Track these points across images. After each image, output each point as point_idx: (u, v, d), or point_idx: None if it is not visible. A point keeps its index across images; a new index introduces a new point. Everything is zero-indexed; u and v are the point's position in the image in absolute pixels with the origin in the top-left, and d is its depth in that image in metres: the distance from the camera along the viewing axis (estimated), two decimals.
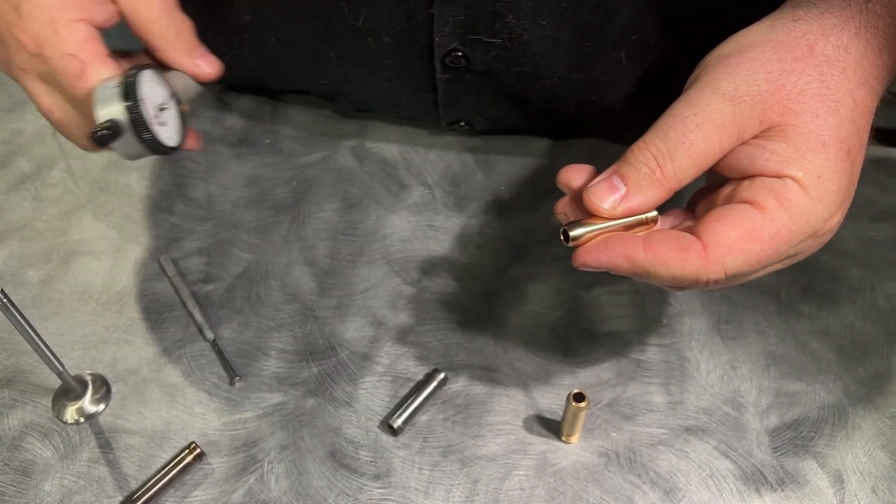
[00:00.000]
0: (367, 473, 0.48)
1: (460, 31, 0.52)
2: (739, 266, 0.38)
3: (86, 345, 0.53)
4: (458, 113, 0.62)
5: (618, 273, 0.39)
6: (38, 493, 0.47)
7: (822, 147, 0.38)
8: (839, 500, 0.48)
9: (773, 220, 0.37)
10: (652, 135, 0.39)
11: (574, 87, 0.57)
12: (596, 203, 0.39)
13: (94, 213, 0.60)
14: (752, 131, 0.39)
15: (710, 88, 0.39)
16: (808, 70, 0.39)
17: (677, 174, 0.38)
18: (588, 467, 0.49)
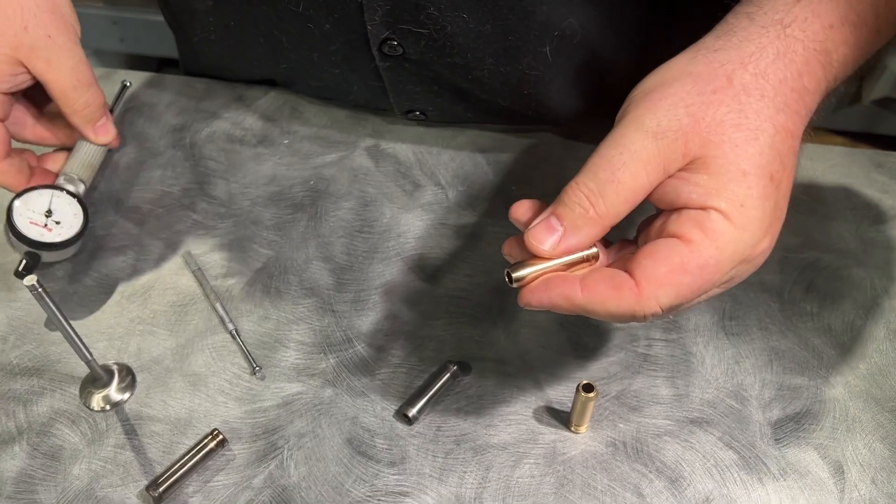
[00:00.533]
0: (383, 460, 0.50)
1: (390, 20, 0.56)
2: (672, 299, 0.39)
3: (111, 336, 0.55)
4: (409, 102, 0.65)
5: (558, 311, 0.41)
6: (67, 476, 0.49)
7: (743, 176, 0.39)
8: (839, 490, 0.49)
9: (701, 252, 0.39)
10: (583, 175, 0.41)
11: (504, 79, 0.60)
12: (536, 245, 0.41)
13: (118, 208, 0.62)
14: (676, 164, 0.40)
15: (634, 126, 0.40)
16: (727, 101, 0.40)
17: (610, 211, 0.40)
18: (596, 456, 0.50)
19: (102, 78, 0.70)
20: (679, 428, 0.52)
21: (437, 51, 0.58)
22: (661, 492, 0.49)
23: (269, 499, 0.48)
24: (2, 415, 0.52)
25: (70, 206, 0.57)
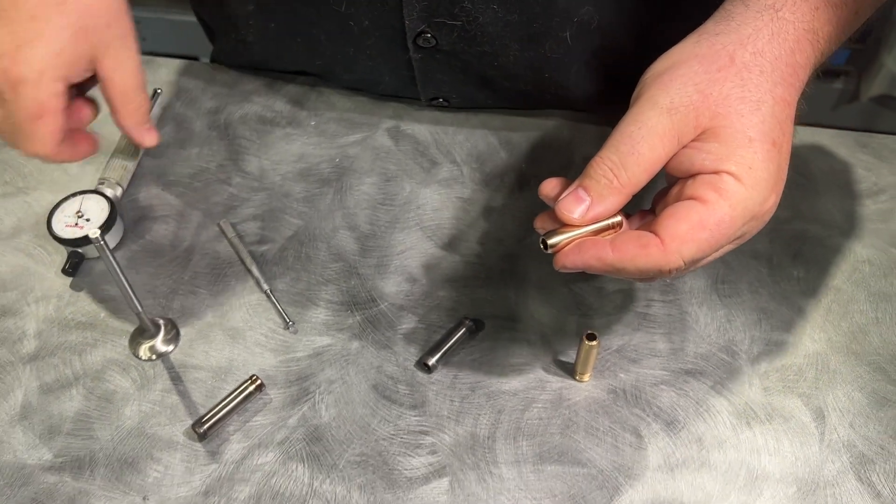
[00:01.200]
0: (406, 404, 0.55)
1: (426, 14, 0.61)
2: (693, 253, 0.44)
3: (156, 295, 0.61)
4: (435, 90, 0.70)
5: (592, 272, 0.46)
6: (120, 416, 0.55)
7: (749, 142, 0.44)
8: (820, 433, 0.54)
9: (716, 210, 0.44)
10: (605, 150, 0.46)
11: (527, 64, 0.66)
12: (566, 214, 0.46)
13: (160, 183, 0.68)
14: (689, 136, 0.45)
15: (649, 104, 0.45)
16: (731, 77, 0.45)
17: (631, 181, 0.45)
18: (598, 402, 0.55)
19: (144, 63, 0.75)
20: (674, 378, 0.57)
21: (467, 41, 0.63)
22: (658, 433, 0.54)
23: (303, 436, 0.54)
24: (60, 363, 0.57)
25: (97, 203, 0.62)
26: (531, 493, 0.51)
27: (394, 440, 0.54)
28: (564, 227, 0.47)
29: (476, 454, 0.53)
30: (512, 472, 0.52)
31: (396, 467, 0.52)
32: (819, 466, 0.53)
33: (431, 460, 0.53)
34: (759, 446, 0.54)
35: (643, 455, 0.53)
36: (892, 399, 0.56)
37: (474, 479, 0.52)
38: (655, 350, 0.58)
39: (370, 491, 0.51)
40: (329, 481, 0.52)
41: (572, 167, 0.69)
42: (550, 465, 0.53)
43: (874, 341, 0.59)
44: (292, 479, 0.52)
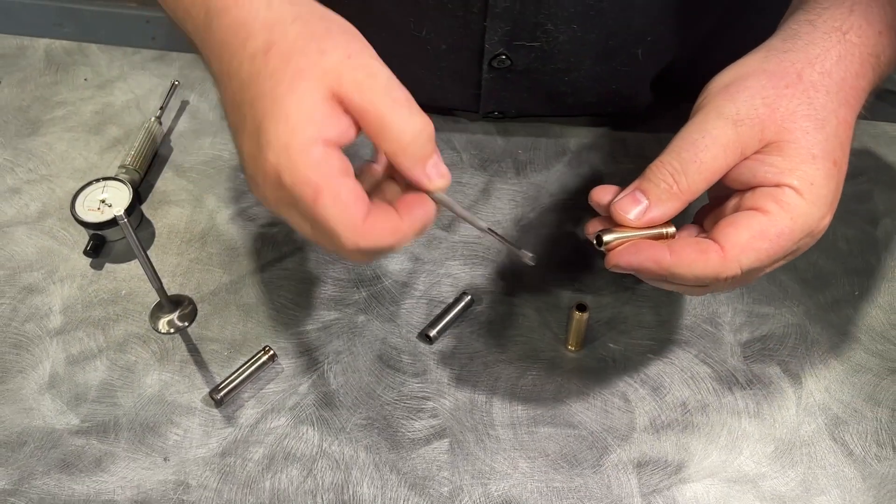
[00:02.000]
0: (408, 372, 0.59)
1: (507, 38, 0.63)
2: (752, 262, 0.44)
3: (174, 273, 0.65)
4: (496, 105, 0.72)
5: (644, 275, 0.46)
6: (142, 384, 0.58)
7: (813, 159, 0.45)
8: (798, 397, 0.58)
9: (778, 221, 0.44)
10: (667, 155, 0.46)
11: (597, 77, 0.67)
12: (622, 214, 0.46)
13: (176, 170, 0.71)
14: (752, 149, 0.45)
15: (715, 114, 0.46)
16: (798, 95, 0.46)
17: (690, 188, 0.45)
18: (589, 369, 0.59)
19: (157, 59, 0.80)
20: (661, 347, 0.60)
21: (542, 60, 0.64)
22: (645, 398, 0.58)
23: (313, 402, 0.57)
24: (84, 336, 0.61)
25: (119, 189, 0.66)
26: (526, 453, 0.55)
27: (397, 405, 0.57)
28: (618, 227, 0.47)
29: (474, 417, 0.57)
30: (508, 434, 0.56)
31: (400, 430, 0.56)
32: (796, 427, 0.56)
33: (433, 423, 0.56)
34: (740, 409, 0.57)
35: (631, 417, 0.57)
36: (867, 366, 0.59)
37: (473, 439, 0.56)
38: (643, 322, 0.62)
39: (375, 451, 0.55)
40: (337, 443, 0.56)
41: (566, 154, 0.72)
42: (544, 427, 0.56)
43: (850, 313, 0.62)
44: (303, 441, 0.56)
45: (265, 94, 0.41)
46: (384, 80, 0.42)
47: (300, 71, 0.41)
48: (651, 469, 0.55)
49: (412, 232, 0.43)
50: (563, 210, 0.68)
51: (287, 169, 0.40)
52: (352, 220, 0.40)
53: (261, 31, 0.42)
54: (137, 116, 0.75)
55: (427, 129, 0.42)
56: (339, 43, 0.42)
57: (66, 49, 0.80)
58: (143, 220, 0.68)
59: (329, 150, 0.40)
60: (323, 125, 0.40)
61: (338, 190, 0.40)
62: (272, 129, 0.40)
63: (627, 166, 0.71)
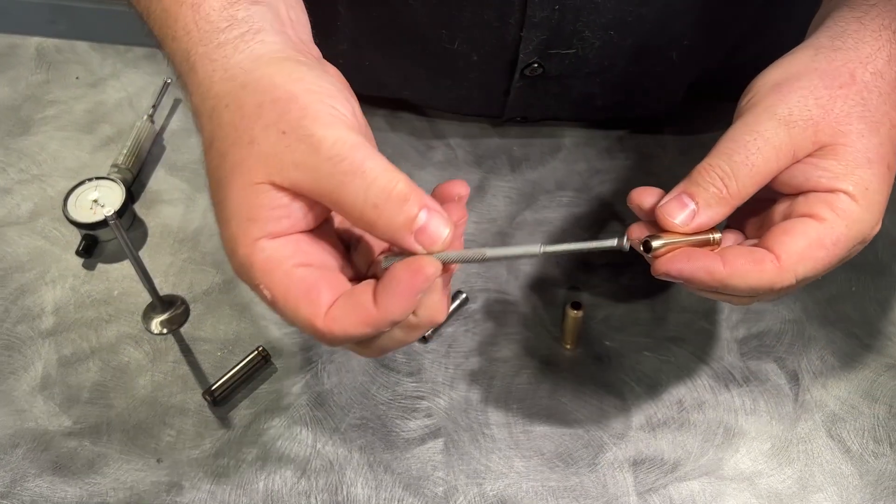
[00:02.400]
0: (403, 371, 0.59)
1: (542, 47, 0.62)
2: (808, 272, 0.42)
3: (167, 273, 0.64)
4: (522, 111, 0.71)
5: (692, 285, 0.43)
6: (135, 385, 0.58)
7: (868, 163, 0.43)
8: (794, 394, 0.57)
9: (834, 229, 0.42)
10: (716, 158, 0.43)
11: (629, 77, 0.67)
12: (668, 219, 0.43)
13: (169, 168, 0.71)
14: (805, 151, 0.43)
15: (767, 114, 0.43)
16: (852, 95, 0.44)
17: (741, 192, 0.43)
18: (585, 367, 0.59)
19: (150, 57, 0.79)
20: (657, 344, 0.60)
21: (576, 66, 0.63)
22: (641, 395, 0.57)
23: (307, 402, 0.57)
24: (77, 337, 0.60)
25: (111, 189, 0.66)
26: (521, 452, 0.55)
27: (392, 405, 0.57)
28: (665, 232, 0.44)
29: (469, 416, 0.56)
30: (503, 433, 0.56)
31: (394, 429, 0.56)
32: (792, 424, 0.56)
33: (427, 423, 0.56)
34: (737, 407, 0.57)
35: (626, 416, 0.56)
36: (864, 362, 0.59)
37: (468, 439, 0.55)
38: (639, 319, 0.61)
39: (370, 451, 0.55)
40: (331, 443, 0.55)
41: (561, 150, 0.72)
42: (539, 426, 0.56)
43: (847, 309, 0.62)
44: (297, 442, 0.55)
45: (211, 195, 0.40)
46: (327, 151, 0.36)
47: (234, 166, 0.38)
48: (647, 467, 0.54)
49: (391, 312, 0.37)
50: (559, 207, 0.68)
51: (241, 274, 0.39)
52: (308, 316, 0.37)
53: (206, 123, 0.40)
54: (130, 115, 0.74)
55: (396, 186, 0.36)
56: (269, 120, 0.37)
57: (57, 47, 0.80)
58: (136, 219, 0.67)
59: (279, 245, 0.37)
60: (267, 221, 0.37)
61: (286, 286, 0.37)
62: (223, 229, 0.39)
63: (623, 162, 0.71)
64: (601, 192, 0.69)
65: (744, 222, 0.48)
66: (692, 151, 0.70)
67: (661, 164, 0.70)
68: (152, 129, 0.73)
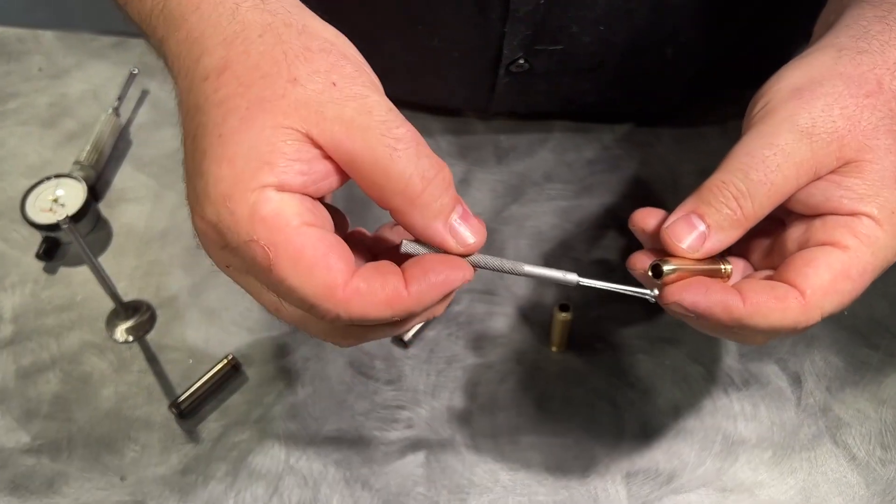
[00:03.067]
0: (381, 379, 0.55)
1: (528, 43, 0.58)
2: (835, 307, 0.38)
3: (132, 277, 0.61)
4: (510, 106, 0.67)
5: (704, 321, 0.38)
6: (97, 398, 0.55)
7: (895, 183, 0.38)
8: (797, 398, 0.54)
9: (860, 258, 0.37)
10: (730, 174, 0.38)
11: (622, 75, 0.63)
12: (673, 242, 0.39)
13: (135, 164, 0.67)
14: (828, 168, 0.39)
15: (787, 125, 0.38)
16: (880, 106, 0.39)
17: (756, 213, 0.38)
18: (574, 372, 0.55)
19: (116, 46, 0.75)
20: (651, 346, 0.56)
21: (565, 63, 0.60)
22: (634, 402, 0.54)
23: (279, 414, 0.54)
24: (37, 347, 0.57)
25: (72, 188, 0.62)
26: (507, 465, 0.52)
27: (370, 415, 0.54)
28: (672, 258, 0.39)
29: (452, 427, 0.53)
30: (488, 444, 0.52)
31: (373, 442, 0.53)
32: (795, 431, 0.53)
33: (407, 434, 0.53)
34: (736, 412, 0.54)
35: (619, 424, 0.53)
36: (870, 362, 0.56)
37: (450, 451, 0.52)
38: (632, 320, 0.58)
39: (346, 466, 0.52)
40: (305, 458, 0.52)
41: (549, 141, 0.68)
42: (526, 436, 0.53)
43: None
44: (269, 457, 0.52)
45: (209, 128, 0.33)
46: (381, 114, 0.33)
47: (261, 101, 0.33)
48: (641, 479, 0.51)
49: (422, 303, 0.34)
50: (548, 200, 0.64)
51: (230, 227, 0.32)
52: (326, 283, 0.32)
53: (218, 47, 0.34)
54: (94, 108, 0.70)
55: (441, 173, 0.34)
56: (319, 66, 0.34)
57: (18, 37, 0.76)
58: (100, 219, 0.64)
59: (288, 198, 0.32)
60: (284, 170, 0.32)
61: (300, 245, 0.32)
62: (211, 175, 0.32)
63: (616, 152, 0.67)
64: (592, 184, 0.65)
65: (748, 246, 0.43)
66: (690, 142, 0.66)
67: (656, 154, 0.67)
68: (118, 122, 0.69)
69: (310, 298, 0.32)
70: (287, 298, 0.34)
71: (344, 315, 0.33)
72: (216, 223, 0.33)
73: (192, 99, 0.35)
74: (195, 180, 0.34)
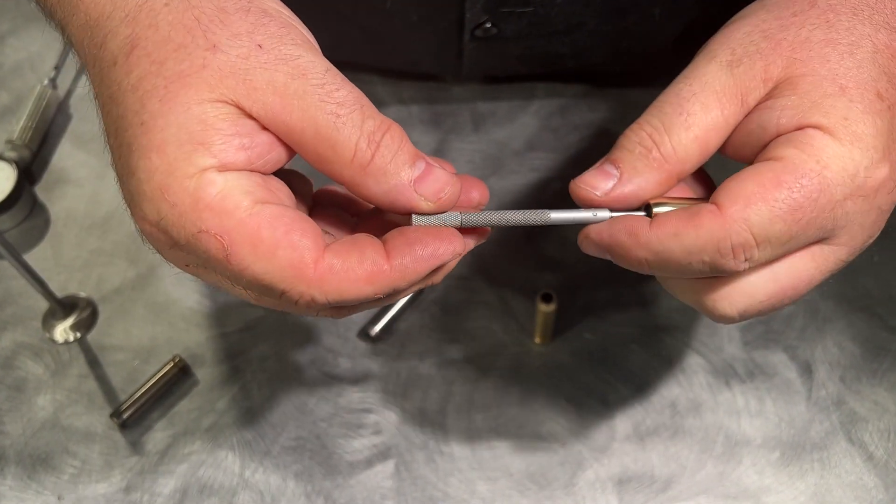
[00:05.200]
0: (347, 379, 0.50)
1: (493, 5, 0.51)
2: (767, 219, 0.31)
3: (71, 268, 0.55)
4: (483, 70, 0.61)
5: (620, 254, 0.34)
6: (32, 406, 0.49)
7: (842, 90, 0.33)
8: (807, 390, 0.49)
9: (798, 165, 0.32)
10: (646, 113, 0.35)
11: (604, 37, 0.56)
12: (586, 191, 0.35)
13: (76, 141, 0.61)
14: (756, 93, 0.34)
15: (705, 59, 0.35)
16: (810, 20, 0.34)
17: (677, 151, 0.34)
18: (561, 367, 0.50)
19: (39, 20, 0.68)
20: (646, 335, 0.51)
21: (537, 26, 0.53)
22: (627, 398, 0.49)
23: (233, 421, 0.49)
24: None
25: (4, 171, 0.56)
26: (485, 473, 0.47)
27: (333, 420, 0.48)
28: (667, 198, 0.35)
29: (425, 432, 0.48)
30: (464, 451, 0.47)
31: (336, 451, 0.48)
32: (805, 428, 0.48)
33: (375, 441, 0.48)
34: (739, 408, 0.48)
35: (610, 424, 0.48)
36: (888, 347, 0.50)
37: (422, 459, 0.47)
38: (624, 305, 0.52)
39: (307, 479, 0.47)
40: (262, 470, 0.47)
41: (532, 105, 0.61)
42: (507, 441, 0.48)
43: (868, 284, 0.53)
44: (221, 470, 0.47)
45: (129, 118, 0.30)
46: (318, 76, 0.30)
47: (180, 76, 0.29)
48: (634, 486, 0.46)
49: (407, 278, 0.31)
50: (531, 171, 0.58)
51: (173, 222, 0.29)
52: (292, 264, 0.29)
53: (121, 26, 0.31)
54: (30, 79, 0.64)
55: (390, 131, 0.31)
56: (239, 28, 0.30)
57: None
58: (36, 205, 0.58)
59: (233, 177, 0.29)
60: (221, 149, 0.29)
61: (256, 227, 0.29)
62: (142, 168, 0.29)
63: (605, 115, 0.61)
64: (580, 151, 0.59)
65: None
66: None
67: None
68: (55, 95, 0.62)
69: (277, 284, 0.30)
70: (253, 288, 0.30)
71: (319, 296, 0.30)
72: (158, 221, 0.29)
73: (104, 90, 0.31)
74: (127, 180, 0.30)
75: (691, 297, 0.35)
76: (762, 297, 0.34)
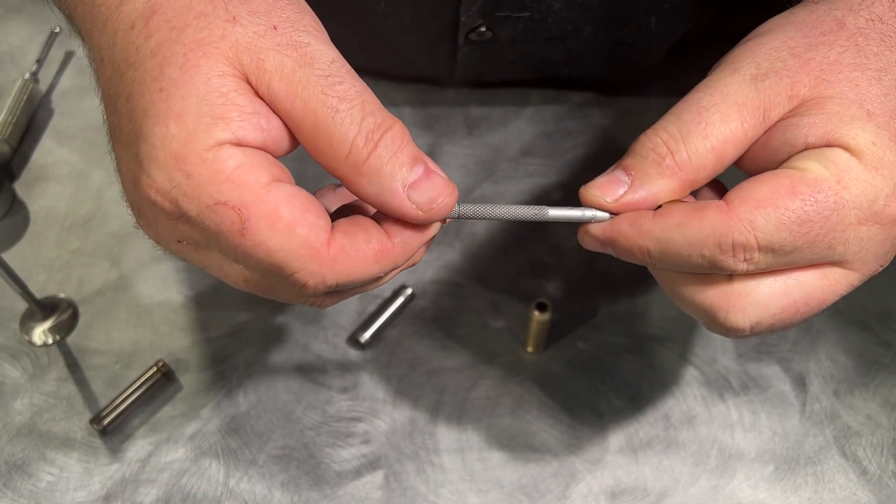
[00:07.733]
0: (335, 387, 0.49)
1: (488, 9, 0.50)
2: (773, 226, 0.31)
3: (51, 269, 0.53)
4: (475, 75, 0.60)
5: (623, 248, 0.34)
6: (9, 411, 0.48)
7: (868, 116, 0.32)
8: (801, 403, 0.48)
9: (817, 178, 0.31)
10: (663, 120, 0.35)
11: (599, 44, 0.55)
12: (597, 196, 0.34)
13: (57, 138, 0.59)
14: (779, 110, 0.33)
15: (728, 71, 0.34)
16: (840, 42, 0.34)
17: (693, 161, 0.33)
18: (553, 376, 0.49)
19: (33, 1, 0.66)
20: (639, 345, 0.50)
21: (532, 30, 0.53)
22: (620, 410, 0.48)
23: (217, 428, 0.47)
24: None
25: None
26: (476, 485, 0.46)
27: (321, 429, 0.47)
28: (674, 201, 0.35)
29: (415, 442, 0.47)
30: (455, 462, 0.46)
31: (324, 460, 0.46)
32: (799, 442, 0.47)
33: (364, 451, 0.47)
34: (733, 421, 0.48)
35: (603, 436, 0.47)
36: (881, 362, 0.50)
37: (412, 470, 0.46)
38: (618, 314, 0.52)
39: (294, 489, 0.45)
40: (247, 479, 0.46)
41: (526, 110, 0.61)
42: (498, 452, 0.47)
43: (862, 297, 0.52)
44: (205, 479, 0.46)
45: (147, 83, 0.29)
46: (323, 67, 0.30)
47: (199, 45, 0.29)
48: (627, 499, 0.45)
49: (407, 252, 0.32)
50: (525, 177, 0.57)
51: (186, 192, 0.29)
52: (309, 243, 0.29)
53: None
54: (11, 72, 0.62)
55: (391, 131, 0.30)
56: (258, 7, 0.30)
57: None
58: (16, 202, 0.56)
59: (252, 153, 0.29)
60: (240, 125, 0.29)
61: (275, 203, 0.29)
62: (158, 135, 0.29)
63: (599, 121, 0.60)
64: (574, 158, 0.58)
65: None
66: None
67: (644, 124, 0.59)
68: (37, 89, 0.61)
69: (291, 262, 0.29)
70: (260, 266, 0.30)
71: (330, 276, 0.30)
72: (169, 190, 0.29)
73: (118, 53, 0.30)
74: (136, 145, 0.29)
75: (701, 308, 0.34)
76: (775, 310, 0.33)
